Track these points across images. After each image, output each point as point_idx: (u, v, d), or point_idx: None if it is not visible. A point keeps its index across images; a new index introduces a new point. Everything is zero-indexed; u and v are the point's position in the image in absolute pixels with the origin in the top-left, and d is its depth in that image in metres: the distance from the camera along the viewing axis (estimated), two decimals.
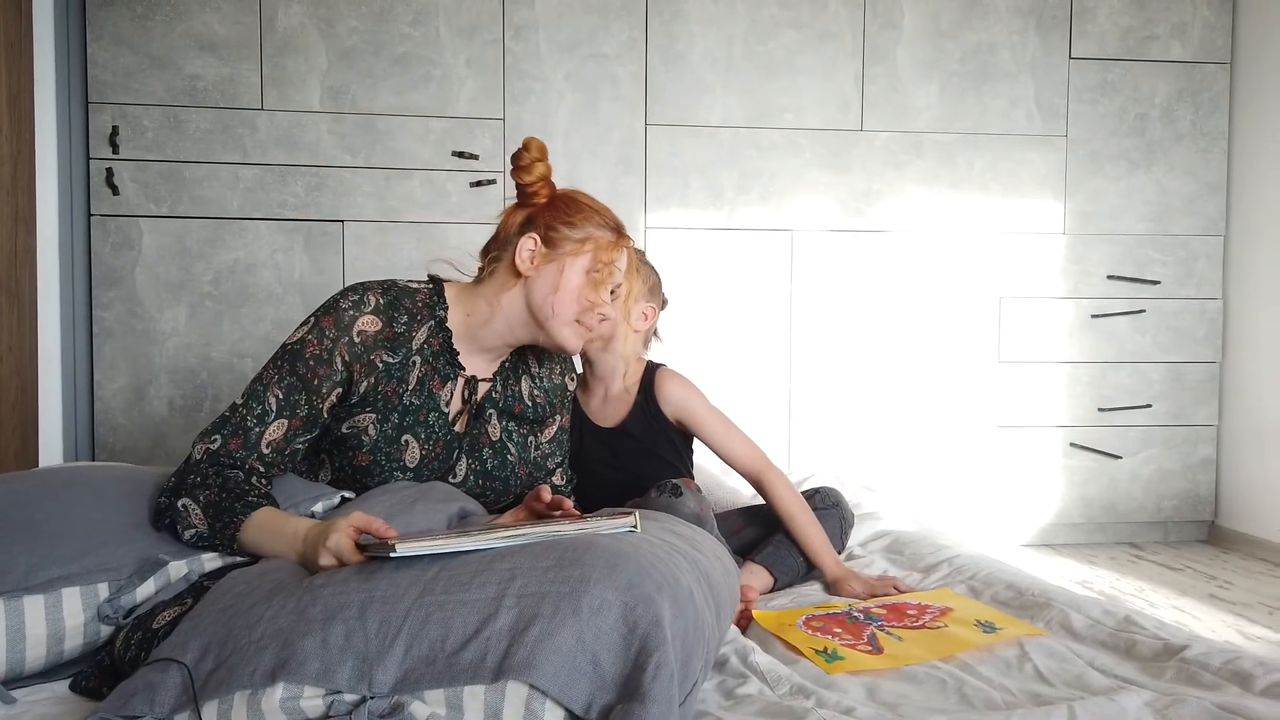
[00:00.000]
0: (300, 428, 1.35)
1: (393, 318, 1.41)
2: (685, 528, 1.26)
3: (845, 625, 1.34)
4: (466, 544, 1.03)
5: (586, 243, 1.43)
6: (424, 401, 1.42)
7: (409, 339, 1.42)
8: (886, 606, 1.42)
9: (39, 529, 1.19)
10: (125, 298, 2.59)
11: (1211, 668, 1.10)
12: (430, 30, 2.68)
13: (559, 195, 1.48)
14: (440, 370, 1.44)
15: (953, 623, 1.32)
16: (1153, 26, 2.97)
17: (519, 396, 1.53)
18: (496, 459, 1.49)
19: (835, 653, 1.22)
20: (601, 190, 2.76)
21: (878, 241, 2.89)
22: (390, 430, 1.39)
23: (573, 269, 1.42)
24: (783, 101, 2.83)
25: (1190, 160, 3.00)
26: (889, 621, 1.34)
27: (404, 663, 0.91)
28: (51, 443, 2.50)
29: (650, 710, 0.84)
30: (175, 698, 0.92)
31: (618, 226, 1.48)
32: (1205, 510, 3.06)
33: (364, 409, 1.39)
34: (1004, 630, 1.27)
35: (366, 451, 1.39)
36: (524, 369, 1.56)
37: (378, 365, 1.39)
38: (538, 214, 1.45)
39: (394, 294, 1.44)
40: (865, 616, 1.37)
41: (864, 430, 2.89)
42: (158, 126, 2.58)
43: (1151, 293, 2.99)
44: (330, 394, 1.37)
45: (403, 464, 1.41)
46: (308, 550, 1.17)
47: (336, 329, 1.37)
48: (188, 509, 1.25)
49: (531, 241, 1.43)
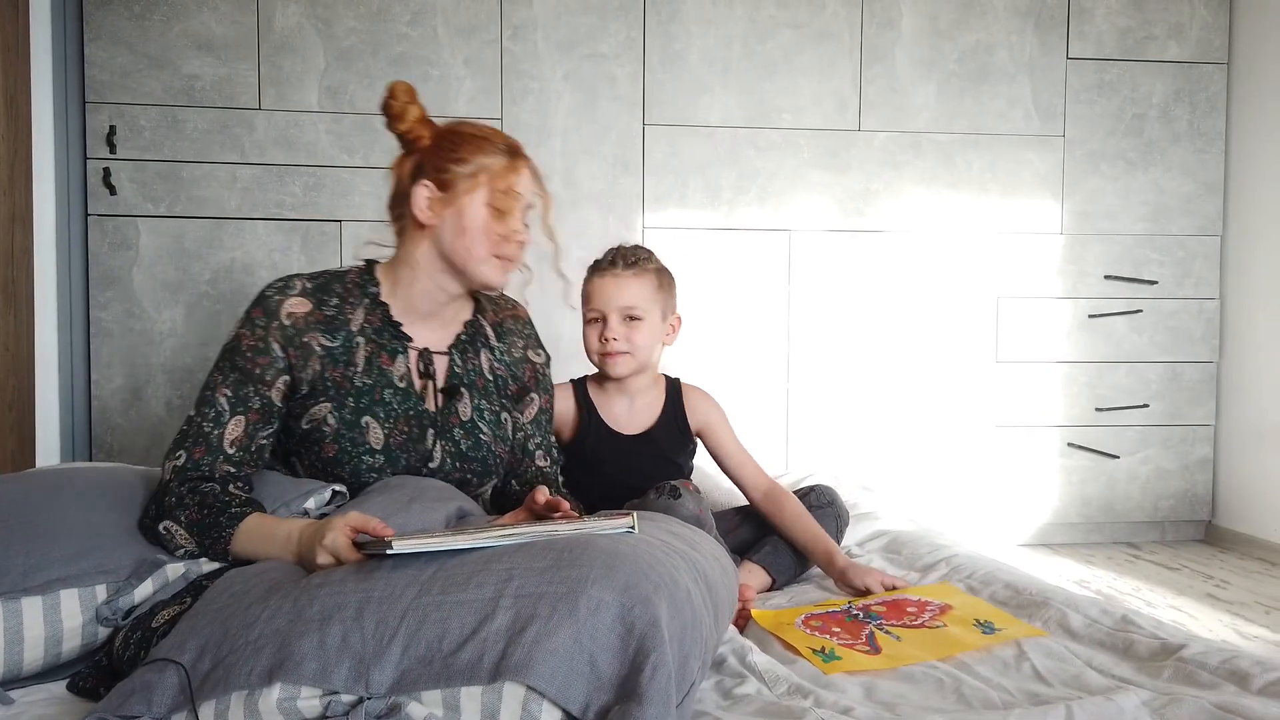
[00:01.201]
0: (258, 421, 1.34)
1: (322, 300, 1.40)
2: (683, 528, 1.26)
3: (844, 624, 1.34)
4: (462, 542, 1.03)
5: (480, 175, 1.38)
6: (376, 380, 1.39)
7: (346, 322, 1.40)
8: (886, 604, 1.41)
9: (36, 530, 1.19)
10: (122, 298, 2.59)
11: (1209, 667, 1.10)
12: (428, 30, 2.68)
13: (442, 133, 1.44)
14: (386, 346, 1.42)
15: (952, 622, 1.32)
16: (1150, 27, 2.97)
17: (480, 371, 1.50)
18: (470, 439, 1.45)
19: (833, 652, 1.22)
20: (599, 190, 2.76)
21: (876, 241, 2.89)
22: (349, 415, 1.37)
23: (472, 206, 1.39)
24: (781, 101, 2.83)
25: (1187, 160, 3.00)
26: (888, 620, 1.34)
27: (401, 663, 0.91)
28: (49, 443, 2.50)
29: (647, 711, 0.84)
30: (172, 698, 0.92)
31: (511, 148, 1.42)
32: (1202, 510, 3.06)
33: (317, 399, 1.37)
34: (1003, 631, 1.27)
35: (330, 441, 1.36)
36: (482, 342, 1.52)
37: (315, 349, 1.37)
38: (425, 159, 1.41)
39: (322, 279, 1.43)
40: (864, 615, 1.37)
41: (861, 430, 2.89)
42: (155, 126, 2.58)
43: (1149, 293, 3.00)
44: (276, 380, 1.35)
45: (368, 447, 1.37)
46: (304, 550, 1.16)
47: (265, 316, 1.37)
48: (171, 531, 1.24)
49: (425, 189, 1.40)
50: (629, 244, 1.75)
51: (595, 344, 1.70)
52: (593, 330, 1.71)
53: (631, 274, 1.69)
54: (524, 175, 1.42)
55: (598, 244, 2.76)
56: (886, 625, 1.32)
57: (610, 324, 1.67)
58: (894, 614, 1.36)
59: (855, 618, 1.36)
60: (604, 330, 1.68)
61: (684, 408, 1.77)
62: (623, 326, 1.67)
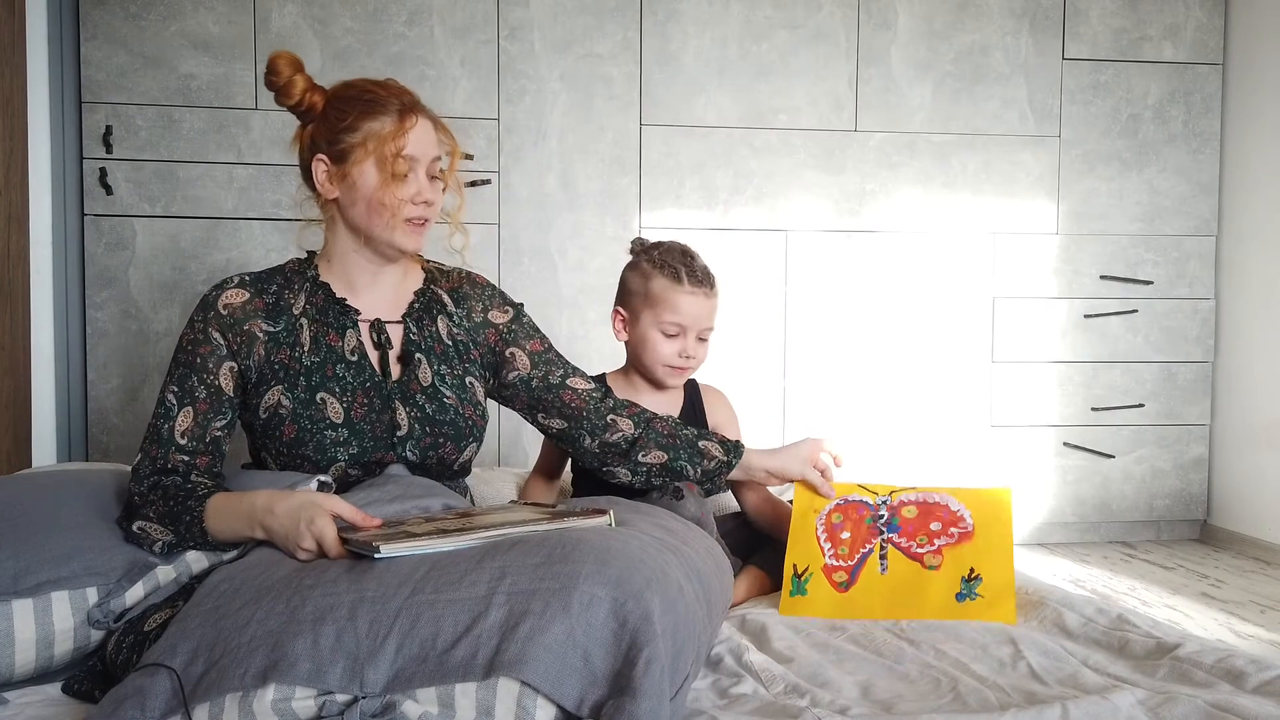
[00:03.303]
0: (208, 410, 1.33)
1: (261, 289, 1.40)
2: (677, 523, 1.26)
3: (858, 526, 1.38)
4: (448, 544, 1.03)
5: (368, 142, 1.33)
6: (324, 357, 1.38)
7: (288, 307, 1.39)
8: (920, 507, 1.42)
9: (27, 533, 1.19)
10: (119, 298, 2.59)
11: (1204, 666, 1.10)
12: (424, 30, 2.68)
13: (330, 99, 1.38)
14: (333, 323, 1.40)
15: (949, 564, 1.35)
16: (1145, 28, 2.98)
17: (437, 337, 1.47)
18: (434, 403, 1.41)
19: (806, 578, 1.25)
20: (596, 190, 2.77)
21: (872, 242, 2.89)
22: (302, 394, 1.35)
23: (364, 176, 1.34)
24: (777, 102, 2.84)
25: (1182, 161, 3.01)
26: (904, 534, 1.37)
27: (395, 662, 0.91)
28: (45, 443, 2.49)
29: (641, 705, 0.84)
30: (166, 702, 0.92)
31: (403, 108, 1.35)
32: (1197, 509, 3.07)
33: (269, 385, 1.36)
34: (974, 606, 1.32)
35: (290, 422, 1.35)
36: (439, 309, 1.48)
37: (257, 335, 1.36)
38: (318, 130, 1.37)
39: (262, 273, 1.44)
40: (888, 519, 1.39)
41: (858, 430, 2.89)
42: (151, 126, 2.58)
43: (1144, 293, 3.00)
44: (219, 368, 1.34)
45: (328, 422, 1.35)
46: (266, 520, 1.16)
47: (203, 310, 1.37)
48: (146, 530, 1.24)
49: (321, 163, 1.36)
50: (694, 252, 1.73)
51: (672, 358, 1.70)
52: (670, 344, 1.70)
53: (714, 294, 1.72)
54: (416, 133, 1.35)
55: (595, 244, 2.79)
56: (894, 543, 1.34)
57: (690, 342, 1.70)
58: (918, 527, 1.38)
59: (878, 519, 1.38)
60: (683, 347, 1.70)
61: (703, 406, 1.79)
62: (697, 344, 1.72)
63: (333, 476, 1.36)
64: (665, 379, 1.73)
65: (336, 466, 1.36)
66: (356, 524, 1.13)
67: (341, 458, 1.36)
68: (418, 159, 1.37)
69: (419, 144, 1.36)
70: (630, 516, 1.23)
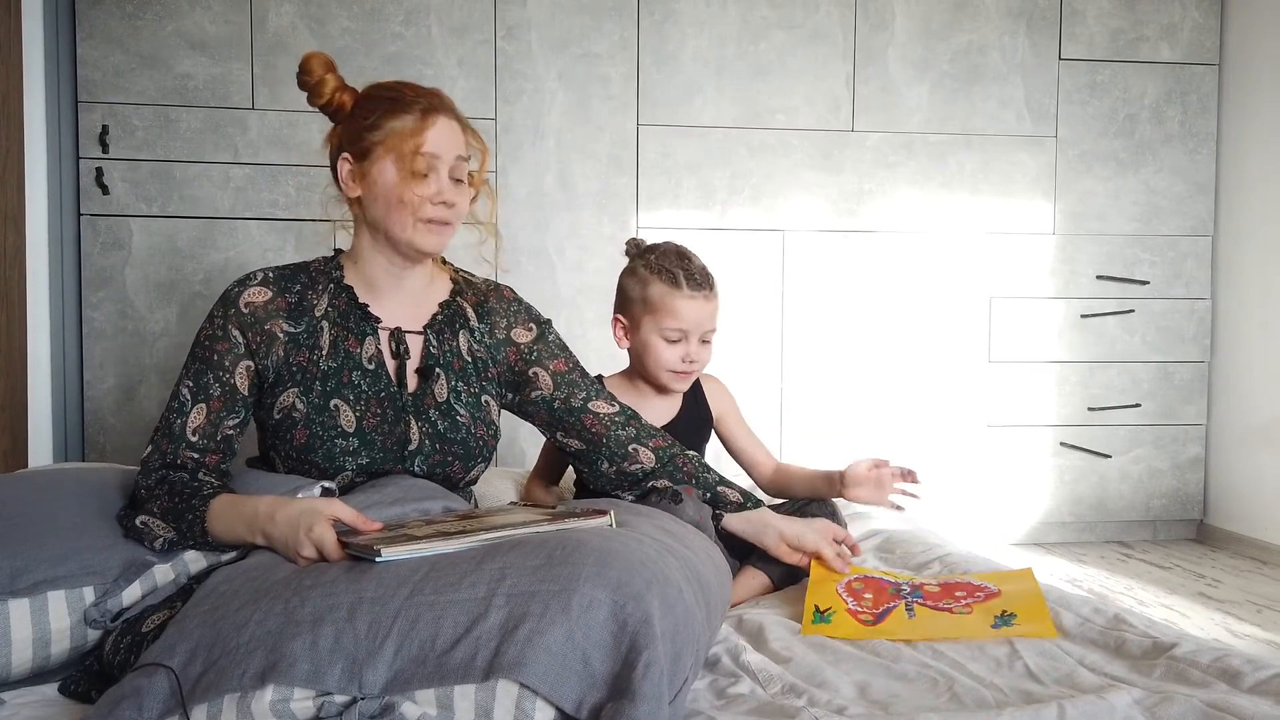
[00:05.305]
0: (221, 409, 1.32)
1: (284, 288, 1.38)
2: (677, 525, 1.27)
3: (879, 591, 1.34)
4: (449, 547, 1.03)
5: (389, 140, 1.33)
6: (341, 363, 1.37)
7: (310, 307, 1.38)
8: (943, 584, 1.39)
9: (23, 532, 1.18)
10: (115, 298, 2.58)
11: (1200, 665, 1.10)
12: (422, 30, 2.68)
13: (359, 98, 1.38)
14: (353, 329, 1.39)
15: (980, 610, 1.30)
16: (1142, 28, 2.98)
17: (457, 352, 1.45)
18: (446, 420, 1.40)
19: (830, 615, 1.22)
20: (594, 190, 2.76)
21: (869, 242, 2.90)
22: (316, 399, 1.35)
23: (384, 173, 1.33)
24: (774, 102, 2.84)
25: (1179, 161, 3.02)
26: (929, 599, 1.33)
27: (394, 663, 0.91)
28: (41, 443, 2.49)
29: (640, 708, 0.84)
30: (163, 702, 0.92)
31: (427, 107, 1.34)
32: (1194, 509, 3.08)
33: (285, 386, 1.35)
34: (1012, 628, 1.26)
35: (301, 427, 1.34)
36: (461, 323, 1.47)
37: (278, 335, 1.35)
38: (345, 129, 1.37)
39: (287, 270, 1.42)
40: (911, 592, 1.35)
41: (855, 430, 2.90)
42: (148, 126, 2.57)
43: (1140, 293, 3.01)
44: (236, 366, 1.33)
45: (340, 429, 1.34)
46: (268, 527, 1.15)
47: (224, 306, 1.36)
48: (148, 524, 1.24)
49: (346, 162, 1.36)
50: (690, 253, 1.72)
51: (676, 363, 1.69)
52: (673, 349, 1.69)
53: (714, 295, 1.71)
54: (436, 131, 1.33)
55: (592, 244, 2.79)
56: (920, 604, 1.31)
57: (693, 345, 1.69)
58: (942, 594, 1.34)
59: (898, 590, 1.34)
60: (686, 352, 1.69)
61: (705, 396, 1.80)
62: (700, 347, 1.71)
63: (338, 484, 1.35)
64: (670, 384, 1.73)
65: (343, 475, 1.36)
66: (357, 528, 1.13)
67: (350, 467, 1.35)
68: (439, 158, 1.35)
69: (439, 143, 1.34)
70: (630, 518, 1.23)
